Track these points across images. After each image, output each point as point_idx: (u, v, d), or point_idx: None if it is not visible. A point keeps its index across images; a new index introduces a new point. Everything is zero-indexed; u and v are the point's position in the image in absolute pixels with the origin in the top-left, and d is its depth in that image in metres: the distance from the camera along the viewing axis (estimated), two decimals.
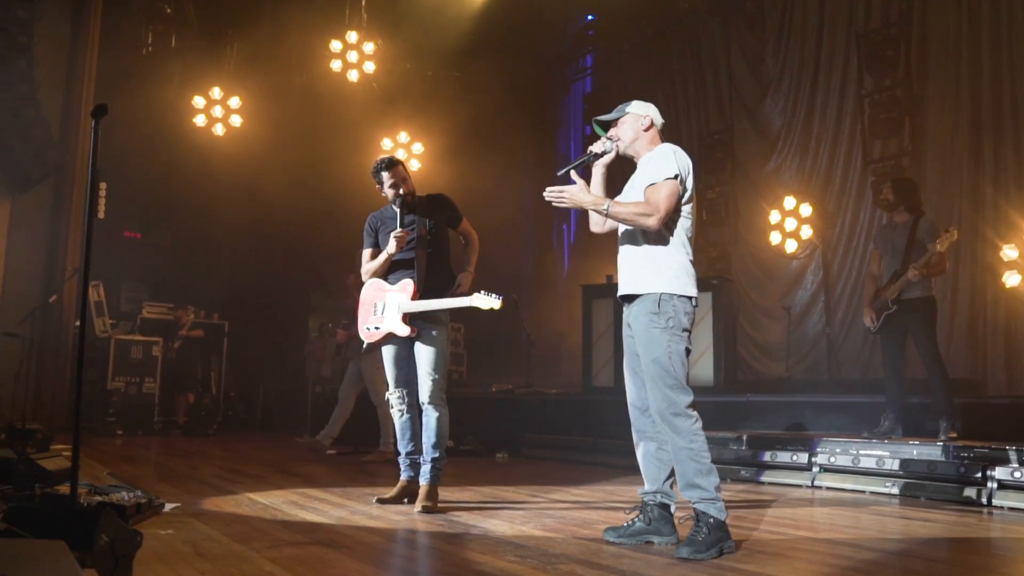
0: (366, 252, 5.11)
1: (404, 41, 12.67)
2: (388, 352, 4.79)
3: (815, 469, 5.79)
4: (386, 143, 13.39)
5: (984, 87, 8.95)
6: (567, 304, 11.92)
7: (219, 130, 12.31)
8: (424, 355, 4.63)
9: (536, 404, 8.84)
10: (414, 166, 13.49)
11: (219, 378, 12.17)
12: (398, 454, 4.88)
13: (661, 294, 3.46)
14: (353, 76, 12.04)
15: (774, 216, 10.64)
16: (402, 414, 4.76)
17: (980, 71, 9.01)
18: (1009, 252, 8.43)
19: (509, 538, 3.65)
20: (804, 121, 10.74)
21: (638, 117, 3.70)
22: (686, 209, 3.55)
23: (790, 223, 10.44)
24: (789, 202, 10.42)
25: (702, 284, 8.58)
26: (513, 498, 5.06)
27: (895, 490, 5.29)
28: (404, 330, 4.62)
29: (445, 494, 4.74)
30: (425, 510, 4.35)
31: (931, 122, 9.38)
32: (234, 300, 12.74)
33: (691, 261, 3.55)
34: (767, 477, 6.03)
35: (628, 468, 6.83)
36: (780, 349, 10.10)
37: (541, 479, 6.15)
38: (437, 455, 4.60)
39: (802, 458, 5.88)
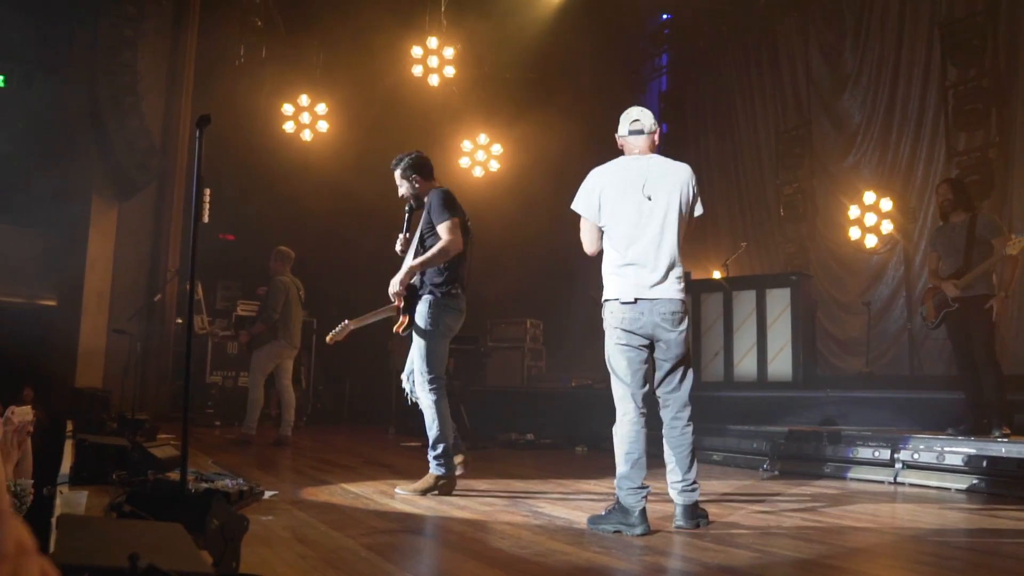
0: None
1: (482, 45, 12.78)
2: None
3: (898, 465, 5.64)
4: (466, 144, 13.54)
5: None
6: None
7: (307, 136, 12.65)
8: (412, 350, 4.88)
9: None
10: (493, 167, 13.60)
11: (308, 372, 12.49)
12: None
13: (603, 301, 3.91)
14: (434, 80, 12.21)
15: (853, 211, 10.40)
16: (407, 401, 5.03)
17: None
18: None
19: (592, 528, 3.68)
20: (884, 115, 10.46)
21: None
22: (602, 222, 3.91)
23: (870, 218, 10.19)
24: (869, 197, 10.17)
25: (779, 280, 8.58)
26: (594, 490, 5.08)
27: (982, 486, 5.12)
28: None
29: (528, 485, 4.80)
30: (417, 490, 4.64)
31: (1020, 112, 9.02)
32: (322, 298, 13.06)
33: (618, 257, 3.82)
34: (851, 473, 5.90)
35: (706, 460, 6.80)
36: (859, 345, 9.86)
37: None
38: (430, 441, 4.75)
39: (884, 454, 5.74)
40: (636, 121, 4.01)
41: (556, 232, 13.17)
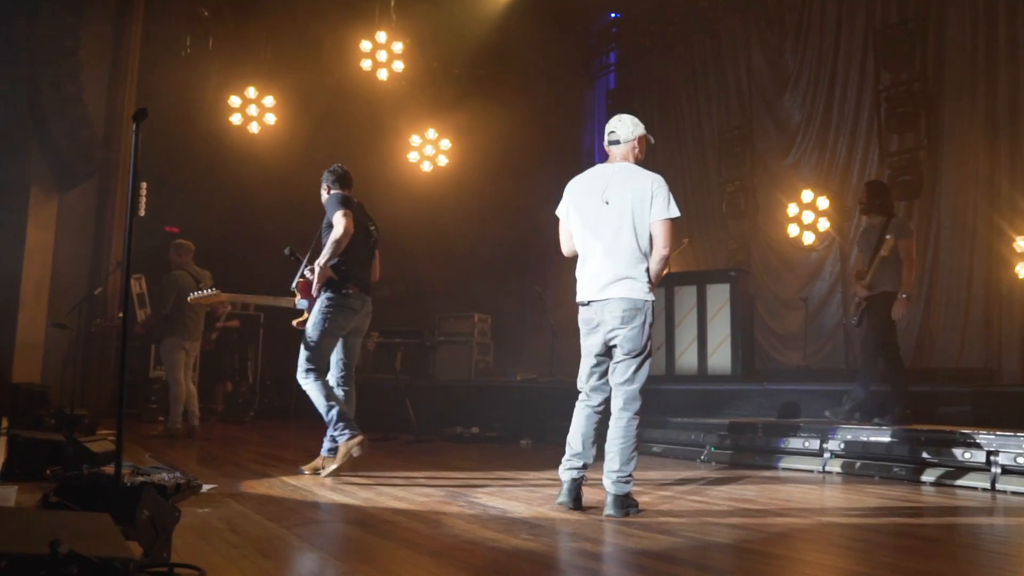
0: None
1: (432, 40, 12.80)
2: None
3: (827, 455, 5.84)
4: (414, 139, 13.55)
5: (1000, 81, 8.90)
6: None
7: (254, 128, 12.53)
8: None
9: (559, 393, 8.93)
10: (441, 162, 13.63)
11: (256, 367, 12.40)
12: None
13: None
14: (383, 75, 12.19)
15: (792, 209, 10.66)
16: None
17: (996, 65, 8.95)
18: (1022, 243, 8.40)
19: (525, 518, 3.77)
20: (822, 116, 10.73)
21: None
22: (572, 225, 4.20)
23: (808, 216, 10.46)
24: (807, 195, 10.43)
25: (718, 276, 8.78)
26: (534, 482, 5.17)
27: (903, 473, 5.34)
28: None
29: (468, 477, 4.88)
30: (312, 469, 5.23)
31: (947, 116, 9.35)
32: (269, 292, 12.97)
33: (584, 257, 4.13)
34: (784, 463, 6.08)
35: (646, 451, 6.94)
36: (798, 339, 10.14)
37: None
38: (327, 420, 5.19)
39: (814, 444, 5.94)
40: (612, 132, 4.19)
41: (504, 227, 13.29)
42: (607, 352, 4.05)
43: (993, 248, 8.76)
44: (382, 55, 12.13)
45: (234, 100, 12.43)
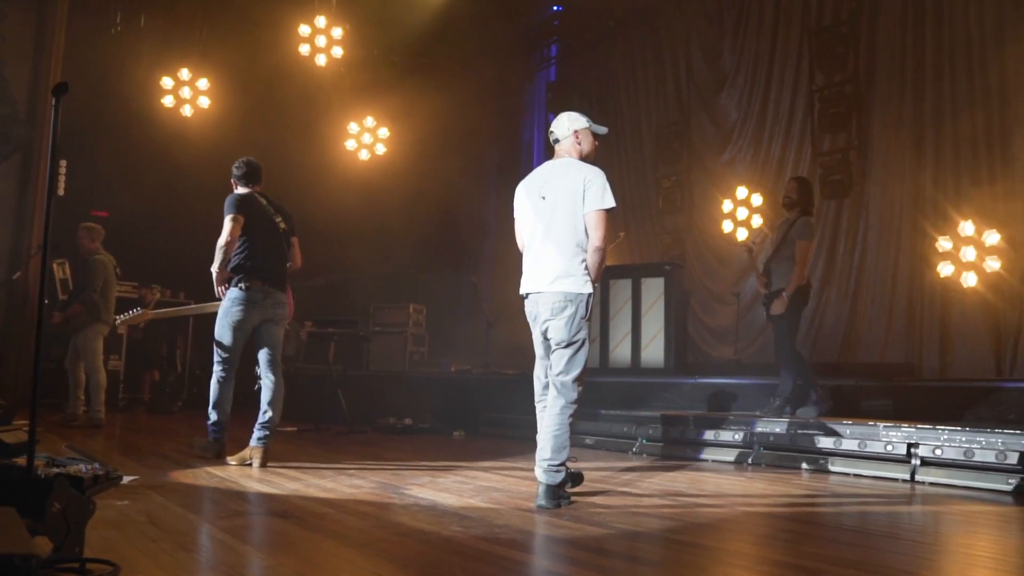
0: None
1: (372, 27, 12.59)
2: None
3: (757, 447, 5.93)
4: (352, 127, 13.35)
5: (927, 86, 9.14)
6: None
7: (187, 111, 12.18)
8: None
9: (493, 384, 8.92)
10: (379, 150, 13.47)
11: (184, 356, 12.09)
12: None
13: None
14: (321, 60, 11.96)
15: (727, 205, 10.80)
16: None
17: (923, 70, 9.19)
18: (944, 244, 8.66)
19: (456, 509, 3.72)
20: (758, 114, 10.89)
21: None
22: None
23: (742, 212, 10.61)
24: (741, 192, 10.58)
25: (653, 270, 8.85)
26: (466, 473, 5.13)
27: (827, 465, 5.46)
28: None
29: (399, 468, 4.81)
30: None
31: (877, 118, 9.57)
32: (200, 280, 12.64)
33: (526, 251, 4.25)
34: (713, 455, 6.16)
35: (578, 443, 6.96)
36: (730, 333, 10.29)
37: (494, 455, 6.24)
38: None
39: (740, 437, 6.03)
40: (552, 132, 4.29)
41: (441, 218, 13.20)
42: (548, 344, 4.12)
43: (917, 248, 9.01)
44: (321, 40, 11.90)
45: (166, 81, 12.06)
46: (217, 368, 5.46)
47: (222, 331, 5.38)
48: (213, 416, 5.49)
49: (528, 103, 15.18)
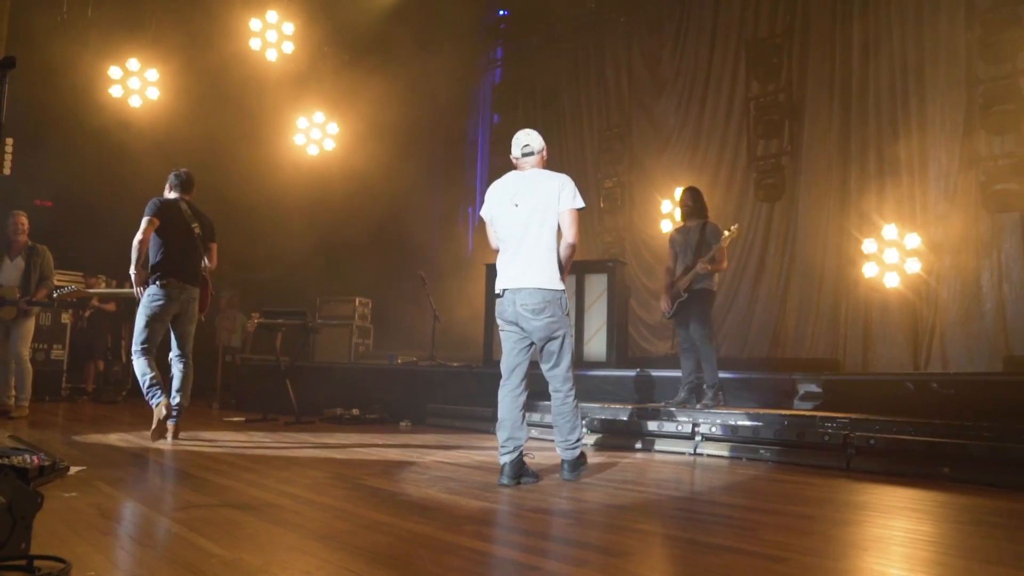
0: None
1: (322, 24, 12.29)
2: None
3: (698, 438, 5.91)
4: (301, 122, 13.01)
5: (853, 96, 9.30)
6: (471, 282, 11.87)
7: (135, 101, 11.68)
8: None
9: (439, 376, 8.75)
10: (328, 146, 13.16)
11: (128, 346, 11.60)
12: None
13: None
14: (272, 55, 11.62)
15: (665, 206, 10.82)
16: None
17: (849, 81, 9.35)
18: (868, 246, 8.81)
19: (416, 500, 3.57)
20: (695, 119, 10.94)
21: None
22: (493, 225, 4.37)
23: (679, 213, 10.61)
24: (679, 193, 10.58)
25: (597, 266, 8.78)
26: (418, 463, 4.97)
27: (767, 455, 5.45)
28: None
29: (354, 459, 4.62)
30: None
31: (807, 126, 9.69)
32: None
33: (502, 252, 4.31)
34: (659, 445, 6.12)
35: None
36: (667, 329, 10.31)
37: (443, 446, 6.09)
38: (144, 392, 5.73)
39: (687, 428, 6.00)
40: (527, 145, 4.37)
41: (388, 213, 12.96)
42: (524, 339, 4.25)
43: (842, 249, 9.15)
44: (272, 35, 11.57)
45: (114, 71, 11.54)
46: (137, 354, 5.72)
47: (142, 321, 5.73)
48: (146, 381, 5.70)
49: (473, 103, 15.02)
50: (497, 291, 4.27)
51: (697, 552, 2.69)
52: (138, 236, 5.67)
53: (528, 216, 4.19)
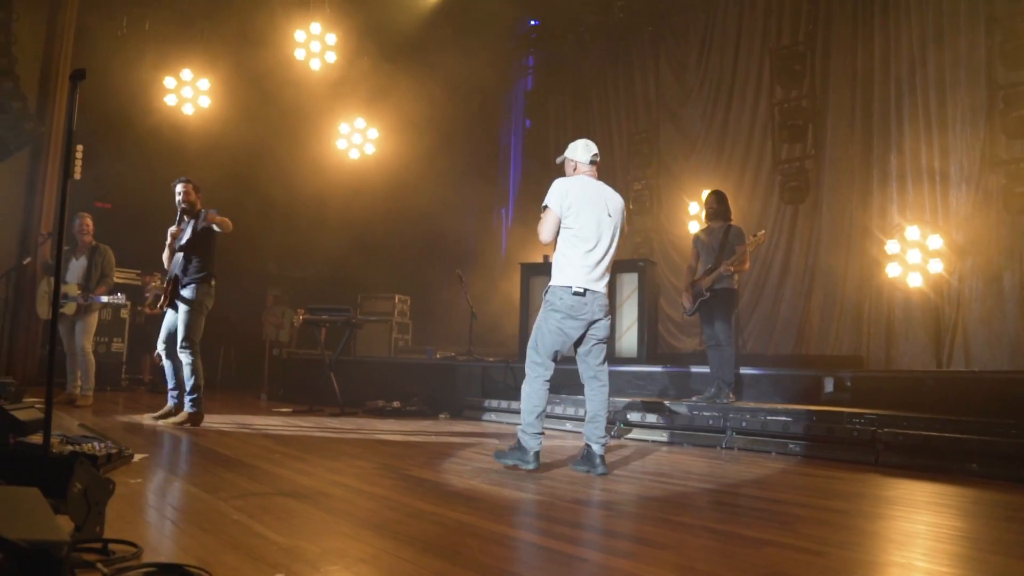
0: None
1: (363, 34, 12.34)
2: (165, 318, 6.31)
3: (728, 433, 5.83)
4: (343, 127, 13.06)
5: (874, 100, 9.15)
6: (505, 279, 11.86)
7: (188, 109, 11.81)
8: (179, 321, 6.14)
9: (476, 370, 8.74)
10: (368, 150, 13.20)
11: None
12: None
13: (548, 286, 4.36)
14: (315, 65, 11.68)
15: (692, 208, 10.72)
16: (160, 360, 6.34)
17: (871, 86, 9.20)
18: (892, 247, 8.65)
19: (460, 491, 3.55)
20: (721, 124, 10.83)
21: (568, 161, 4.53)
22: (567, 221, 4.28)
23: (704, 215, 10.51)
24: (705, 195, 10.48)
25: (628, 266, 8.71)
26: (460, 454, 4.96)
27: (796, 449, 5.36)
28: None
29: (399, 450, 4.62)
30: (175, 423, 5.98)
31: (830, 130, 9.55)
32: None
33: (581, 254, 4.25)
34: (689, 440, 6.05)
35: (560, 427, 6.83)
36: (694, 326, 10.21)
37: (482, 437, 6.08)
38: (188, 389, 6.08)
39: (719, 423, 5.92)
40: (597, 154, 4.51)
41: (426, 213, 12.97)
42: (580, 337, 4.32)
43: (866, 250, 9.00)
44: (316, 45, 11.62)
45: (169, 81, 11.68)
46: (188, 351, 6.09)
47: (200, 320, 6.17)
48: (197, 393, 6.10)
49: (507, 109, 14.99)
50: (577, 289, 4.24)
51: (738, 545, 2.64)
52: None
53: (614, 227, 4.36)
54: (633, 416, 6.46)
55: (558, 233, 4.32)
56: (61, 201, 2.92)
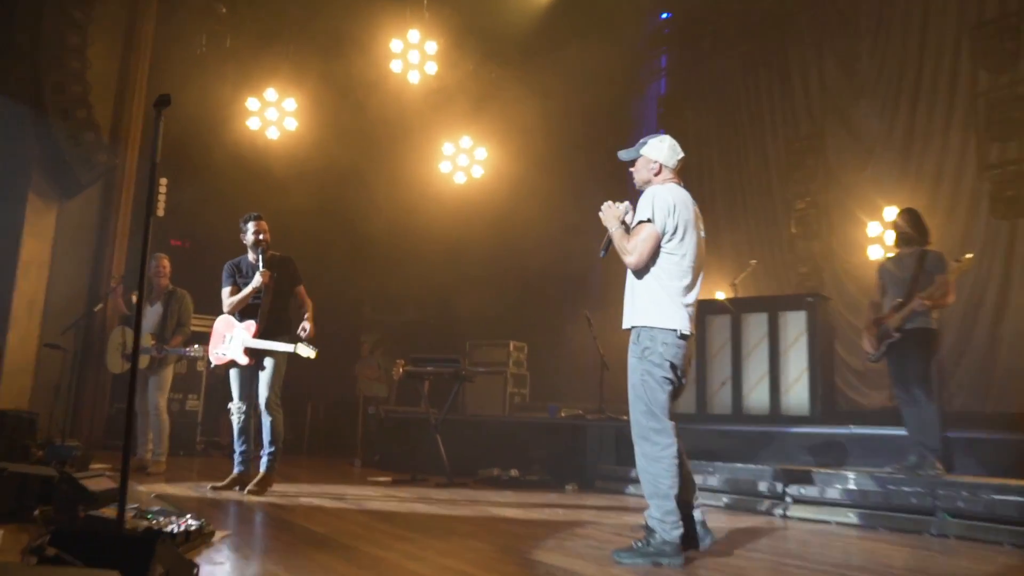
0: (226, 290, 6.56)
1: (468, 40, 12.57)
2: (233, 373, 6.48)
3: (939, 515, 5.42)
4: (447, 148, 13.30)
5: None
6: None
7: (273, 133, 12.34)
8: (262, 376, 6.35)
9: (609, 431, 8.56)
10: (476, 173, 13.36)
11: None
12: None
13: (634, 327, 4.07)
14: (414, 77, 11.98)
15: (872, 228, 10.26)
16: (239, 420, 6.53)
17: None
18: None
19: None
20: (905, 124, 10.33)
21: (648, 161, 4.23)
22: (670, 245, 4.01)
23: (891, 237, 10.03)
24: (890, 213, 10.01)
25: (793, 302, 8.39)
26: (593, 536, 4.81)
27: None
28: (243, 360, 6.34)
29: (520, 529, 4.53)
30: (251, 492, 6.12)
31: None
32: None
33: (683, 288, 4.01)
34: (882, 523, 5.67)
35: (714, 500, 6.56)
36: (882, 376, 9.64)
37: (618, 513, 5.90)
38: (272, 449, 6.36)
39: (925, 502, 5.52)
40: (682, 156, 4.28)
41: (543, 244, 12.95)
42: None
43: None
44: (414, 56, 11.93)
45: (252, 103, 12.27)
46: (280, 407, 6.49)
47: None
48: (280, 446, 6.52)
49: (636, 120, 14.90)
50: (685, 331, 4.00)
51: None
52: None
53: (704, 251, 4.20)
54: (808, 491, 6.11)
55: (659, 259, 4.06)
56: (144, 241, 3.03)
